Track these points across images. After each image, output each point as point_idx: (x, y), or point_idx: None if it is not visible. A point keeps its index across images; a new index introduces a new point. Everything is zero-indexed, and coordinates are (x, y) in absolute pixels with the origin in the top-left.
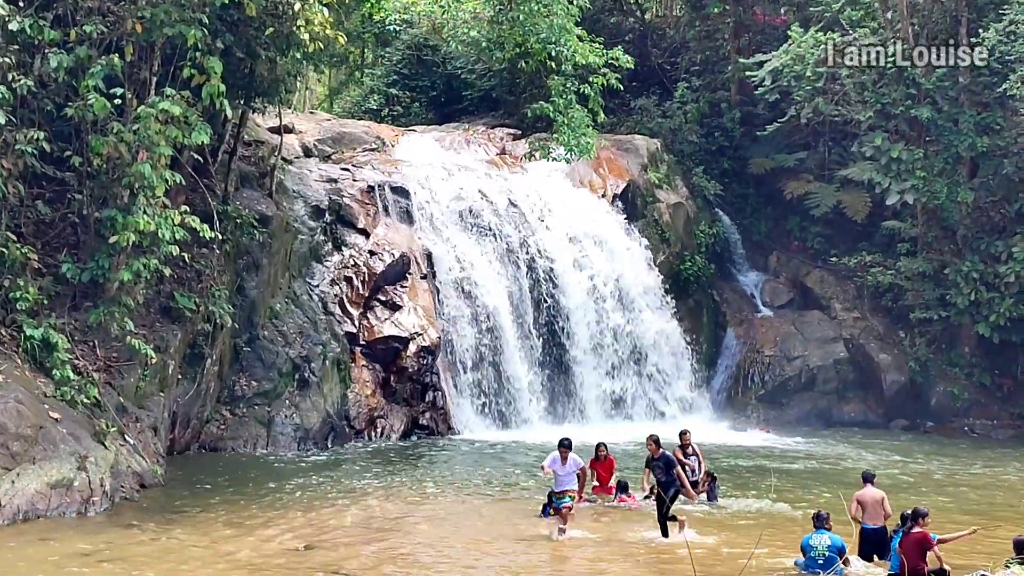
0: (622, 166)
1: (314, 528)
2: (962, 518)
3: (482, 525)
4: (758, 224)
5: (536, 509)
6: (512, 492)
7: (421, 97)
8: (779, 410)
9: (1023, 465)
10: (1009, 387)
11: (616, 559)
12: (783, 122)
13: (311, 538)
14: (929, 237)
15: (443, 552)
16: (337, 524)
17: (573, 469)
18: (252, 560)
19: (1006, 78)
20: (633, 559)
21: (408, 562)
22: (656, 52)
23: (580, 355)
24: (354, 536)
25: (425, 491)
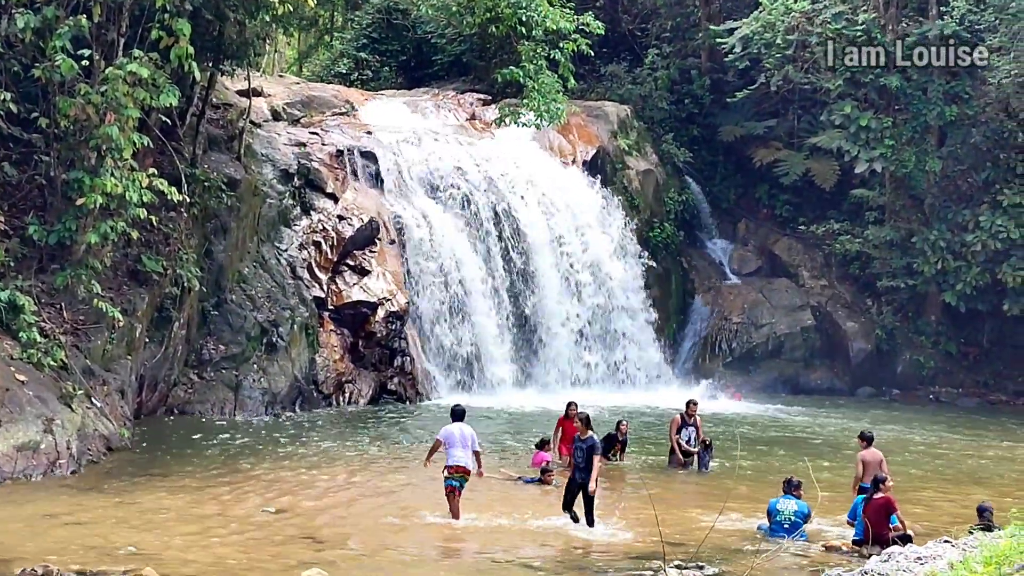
0: (592, 132)
1: (282, 492)
2: (929, 484)
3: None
4: (727, 192)
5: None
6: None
7: (391, 61)
8: (746, 377)
9: (988, 432)
10: (975, 355)
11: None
12: (753, 89)
13: (279, 502)
14: (897, 205)
15: (410, 518)
16: (305, 488)
17: (467, 444)
18: (220, 523)
19: (975, 47)
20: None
21: (376, 527)
22: (627, 18)
23: (549, 321)
24: (323, 501)
25: (393, 456)
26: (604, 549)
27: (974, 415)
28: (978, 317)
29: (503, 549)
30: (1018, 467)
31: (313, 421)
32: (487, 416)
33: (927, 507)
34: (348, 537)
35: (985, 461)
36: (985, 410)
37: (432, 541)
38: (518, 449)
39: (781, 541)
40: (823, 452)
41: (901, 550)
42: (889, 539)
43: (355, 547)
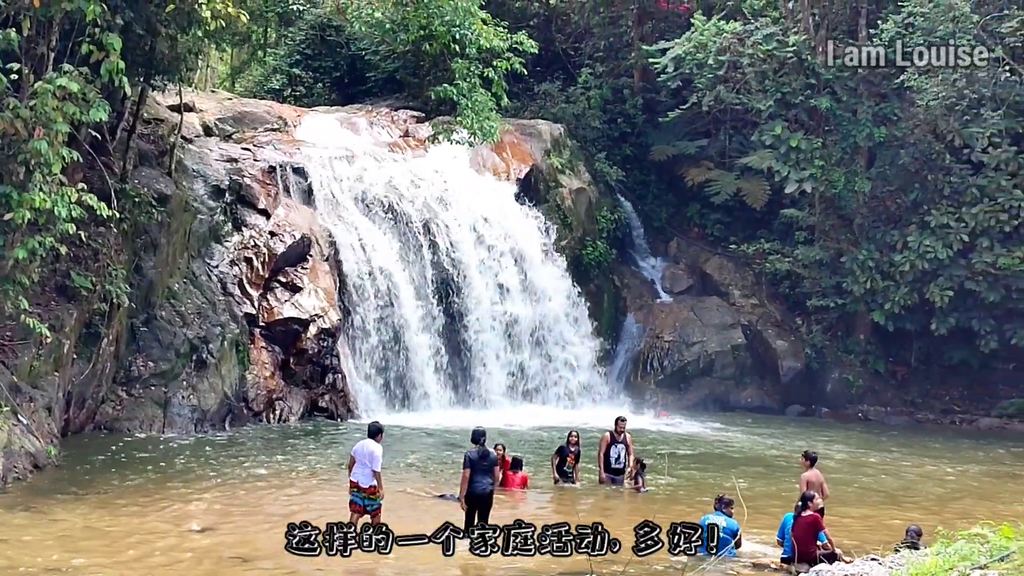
0: (525, 150)
1: (209, 510)
2: (856, 502)
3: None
4: (659, 210)
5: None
6: (408, 476)
7: (324, 78)
8: (678, 395)
9: (915, 451)
10: (903, 374)
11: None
12: (685, 109)
13: (206, 521)
14: (826, 226)
15: None
16: (234, 506)
17: (365, 461)
18: (147, 542)
19: (903, 69)
20: None
21: None
22: (560, 37)
23: (482, 339)
24: (252, 519)
25: (321, 475)
26: (532, 568)
27: (902, 434)
28: (906, 336)
29: (429, 568)
30: (944, 486)
31: (243, 439)
32: (419, 434)
33: (854, 525)
34: (277, 555)
35: (912, 479)
36: (913, 429)
37: (361, 558)
38: (448, 467)
39: (710, 558)
40: (753, 470)
41: (828, 568)
42: (817, 557)
43: (284, 565)
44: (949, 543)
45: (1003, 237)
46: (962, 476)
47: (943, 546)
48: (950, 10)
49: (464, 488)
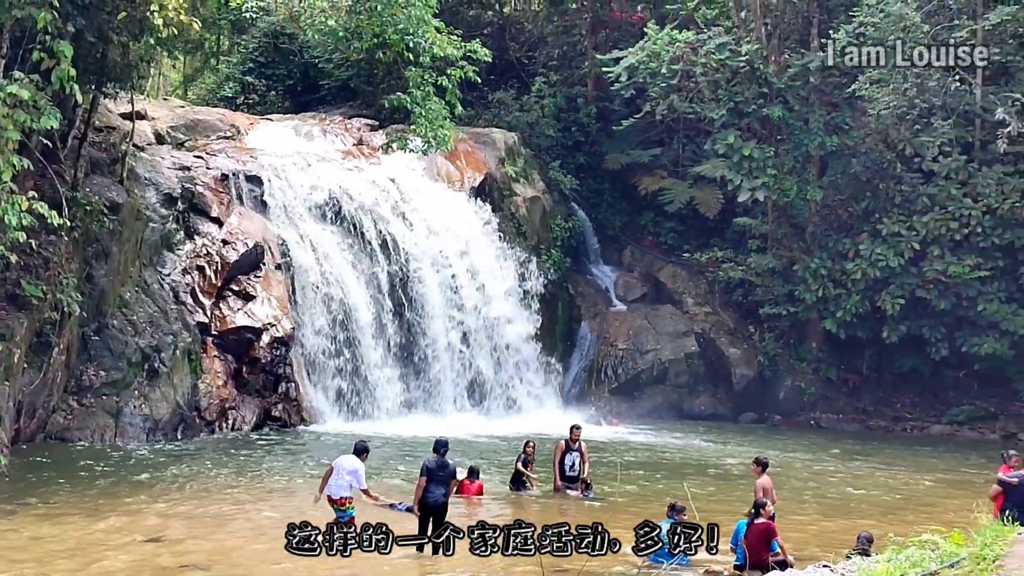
0: (479, 159)
1: (160, 520)
2: (808, 509)
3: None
4: (613, 219)
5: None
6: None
7: (277, 86)
8: (631, 403)
9: (867, 458)
10: (855, 382)
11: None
12: (638, 118)
13: (157, 530)
14: (779, 234)
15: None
16: (187, 516)
17: (341, 474)
18: (98, 552)
19: (855, 79)
20: None
21: (253, 556)
22: (514, 46)
23: (436, 347)
24: (204, 528)
25: (273, 484)
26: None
27: (854, 441)
28: (858, 344)
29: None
30: (895, 492)
31: (195, 448)
32: (372, 443)
33: (807, 532)
34: (229, 564)
35: (864, 486)
36: (865, 436)
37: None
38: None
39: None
40: (706, 477)
41: (780, 575)
42: (769, 564)
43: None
44: (900, 550)
45: (953, 245)
46: (913, 483)
47: (894, 553)
48: (901, 20)
49: (417, 495)
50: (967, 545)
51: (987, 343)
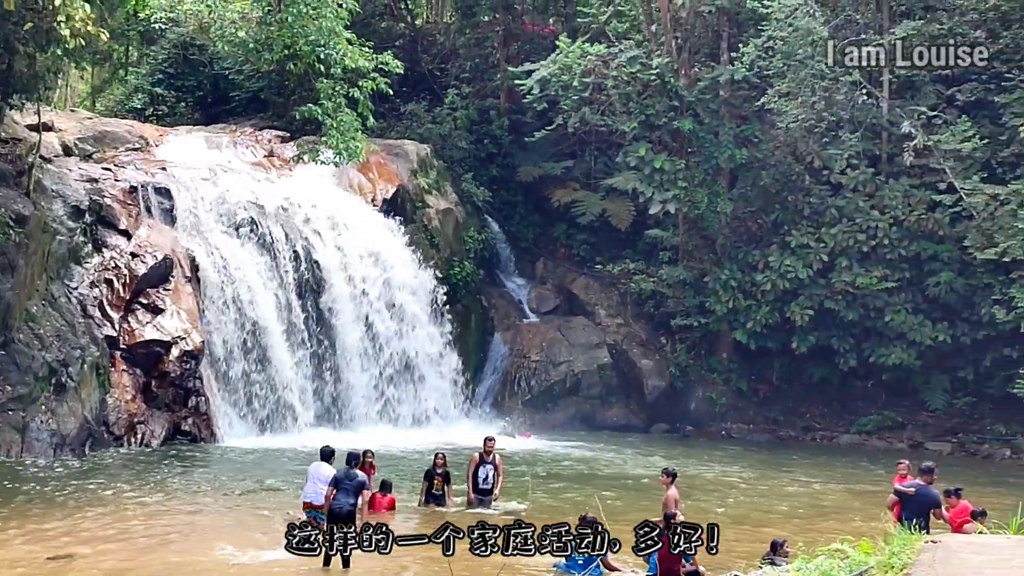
0: (392, 171)
1: (67, 537)
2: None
3: (237, 533)
4: (526, 231)
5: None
6: (266, 499)
7: (187, 97)
8: (545, 414)
9: (777, 468)
10: (765, 392)
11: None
12: (550, 130)
13: (64, 547)
14: (690, 246)
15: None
16: (94, 533)
17: (316, 480)
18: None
19: (764, 92)
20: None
21: (162, 572)
22: (426, 58)
23: (348, 360)
24: (111, 545)
25: (181, 499)
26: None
27: (764, 451)
28: (768, 355)
29: None
30: (805, 502)
31: (103, 463)
32: (283, 456)
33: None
34: None
35: (774, 496)
36: (775, 446)
37: None
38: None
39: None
40: (617, 488)
41: None
42: (681, 575)
43: None
44: (810, 559)
45: (861, 257)
46: (822, 492)
47: (804, 562)
48: (808, 34)
49: (326, 506)
50: (875, 554)
51: (894, 353)
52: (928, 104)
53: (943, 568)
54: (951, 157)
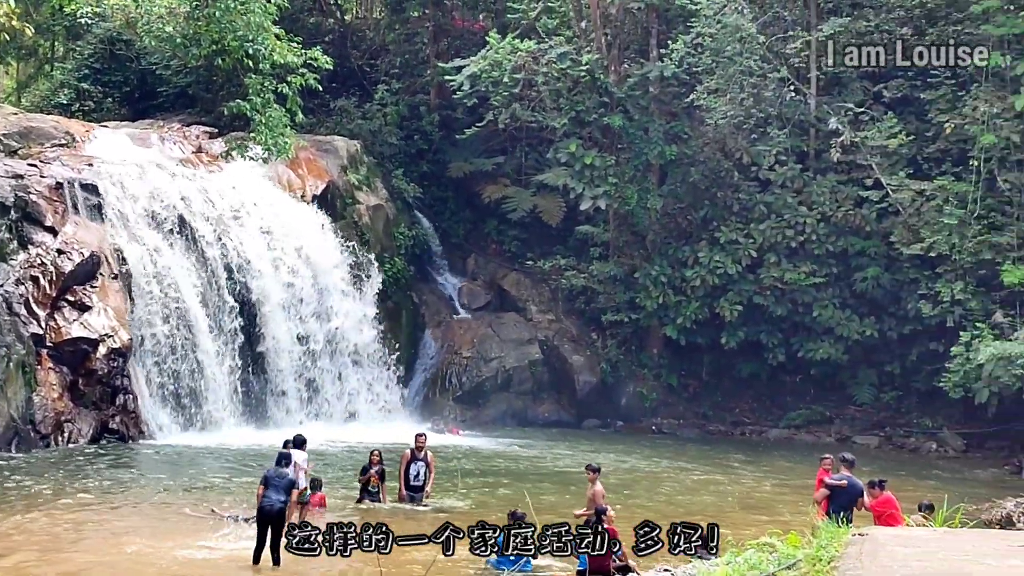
0: (321, 167)
1: None
2: (649, 514)
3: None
4: (457, 227)
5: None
6: (191, 498)
7: (114, 92)
8: (476, 411)
9: (707, 462)
10: (695, 387)
11: None
12: (481, 127)
13: None
14: (620, 242)
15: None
16: (20, 533)
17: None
18: None
19: (693, 88)
20: None
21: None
22: (356, 54)
23: (277, 357)
24: (33, 546)
25: (104, 498)
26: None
27: (694, 446)
28: (698, 350)
29: None
30: (734, 496)
31: (29, 462)
32: (211, 455)
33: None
34: None
35: (704, 491)
36: (705, 441)
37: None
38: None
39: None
40: (547, 484)
41: None
42: (611, 570)
43: None
44: (739, 552)
45: (789, 252)
46: (751, 486)
47: (733, 555)
48: (737, 31)
49: (257, 504)
50: (803, 547)
51: (822, 348)
52: (855, 101)
53: (870, 561)
54: (878, 153)
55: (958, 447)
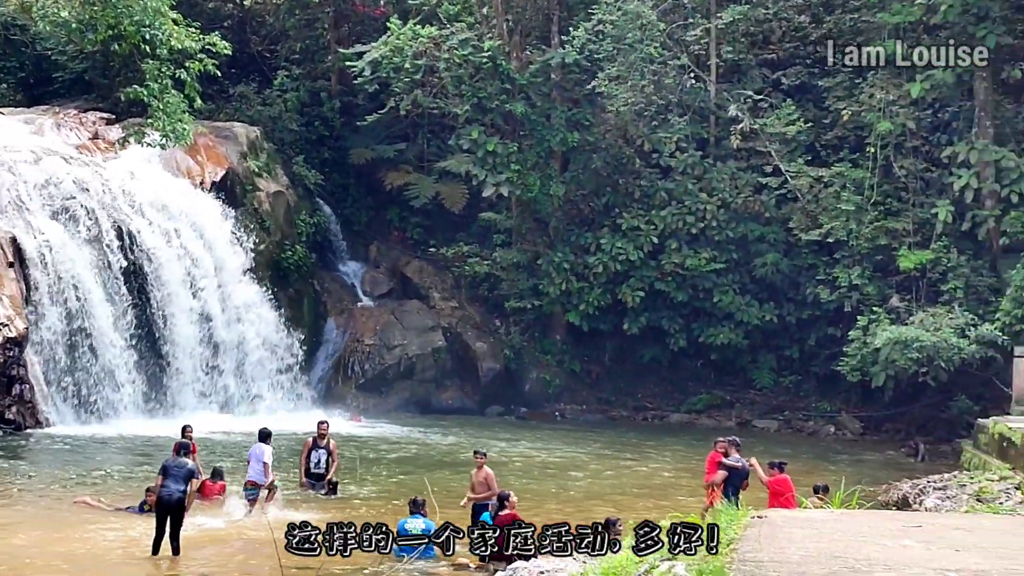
0: (221, 154)
1: None
2: (552, 498)
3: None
4: (359, 214)
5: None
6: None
7: (8, 79)
8: (379, 398)
9: (610, 448)
10: (597, 373)
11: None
12: (383, 113)
13: None
14: (523, 229)
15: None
16: None
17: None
18: None
19: (595, 75)
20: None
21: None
22: (255, 39)
23: (176, 345)
24: None
25: (6, 490)
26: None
27: (597, 431)
28: (600, 336)
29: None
30: (636, 480)
31: None
32: (109, 444)
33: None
34: None
35: (605, 475)
36: (608, 426)
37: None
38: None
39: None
40: (449, 471)
41: (525, 565)
42: (514, 555)
43: None
44: None
45: (690, 239)
46: (653, 470)
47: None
48: (638, 18)
49: (154, 494)
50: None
51: (722, 333)
52: (754, 88)
53: (768, 543)
54: (776, 140)
55: (856, 430)
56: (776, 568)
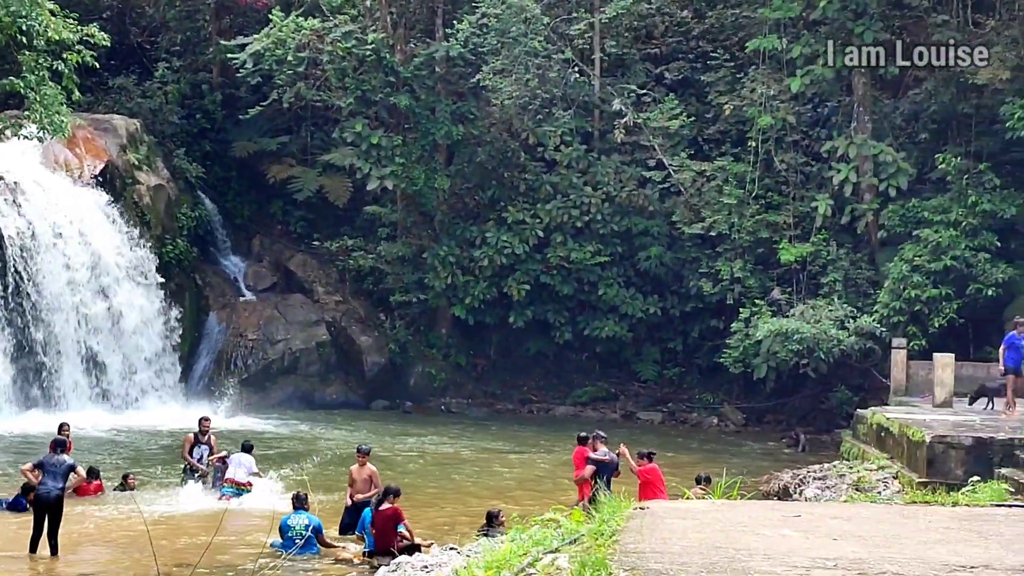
0: (100, 146)
1: None
2: (435, 492)
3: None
4: (241, 208)
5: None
6: None
7: None
8: (263, 393)
9: (496, 441)
10: (483, 366)
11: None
12: (265, 106)
13: None
14: (408, 222)
15: None
16: None
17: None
18: None
19: (479, 69)
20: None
21: None
22: (135, 31)
23: (56, 340)
24: None
25: None
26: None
27: (482, 424)
28: (486, 329)
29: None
30: (520, 473)
31: None
32: None
33: (435, 515)
34: None
35: (490, 469)
36: (493, 419)
37: None
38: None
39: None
40: (332, 465)
41: (409, 559)
42: (397, 549)
43: None
44: (524, 529)
45: (575, 232)
46: (537, 463)
47: (518, 532)
48: (522, 12)
49: (32, 491)
50: (586, 522)
51: (607, 326)
52: (638, 82)
53: (651, 533)
54: (660, 134)
55: (738, 421)
56: (658, 559)
